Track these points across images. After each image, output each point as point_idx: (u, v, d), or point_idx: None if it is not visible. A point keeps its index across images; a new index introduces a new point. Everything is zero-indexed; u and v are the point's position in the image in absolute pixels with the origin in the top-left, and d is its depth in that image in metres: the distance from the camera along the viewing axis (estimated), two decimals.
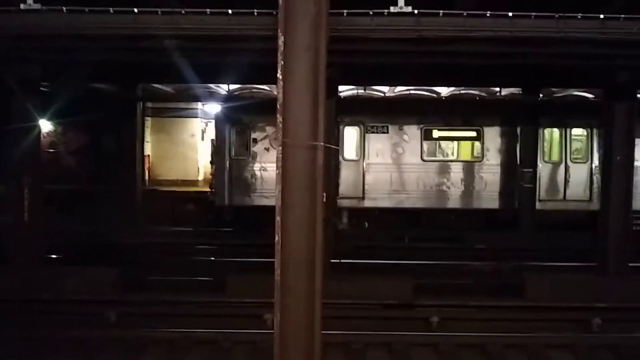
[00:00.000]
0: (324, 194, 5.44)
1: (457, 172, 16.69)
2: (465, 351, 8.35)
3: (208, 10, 5.69)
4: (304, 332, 5.35)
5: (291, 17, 5.18)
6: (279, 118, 5.22)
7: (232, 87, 19.41)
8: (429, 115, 16.70)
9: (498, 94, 19.66)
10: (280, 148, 5.22)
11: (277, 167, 5.25)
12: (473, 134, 16.88)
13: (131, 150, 16.51)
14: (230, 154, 16.36)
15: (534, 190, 16.44)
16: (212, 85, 19.05)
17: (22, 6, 5.70)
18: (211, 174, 17.38)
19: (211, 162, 17.44)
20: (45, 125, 19.04)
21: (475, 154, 16.76)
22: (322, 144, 5.26)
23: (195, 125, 24.50)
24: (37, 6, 5.66)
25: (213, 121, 19.18)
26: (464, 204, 16.73)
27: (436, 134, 16.69)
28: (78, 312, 9.33)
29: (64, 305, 9.46)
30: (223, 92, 19.65)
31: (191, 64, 9.04)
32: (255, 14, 5.73)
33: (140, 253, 13.90)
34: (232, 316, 9.31)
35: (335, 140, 13.55)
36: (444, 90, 19.96)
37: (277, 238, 5.25)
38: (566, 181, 16.93)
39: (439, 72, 11.90)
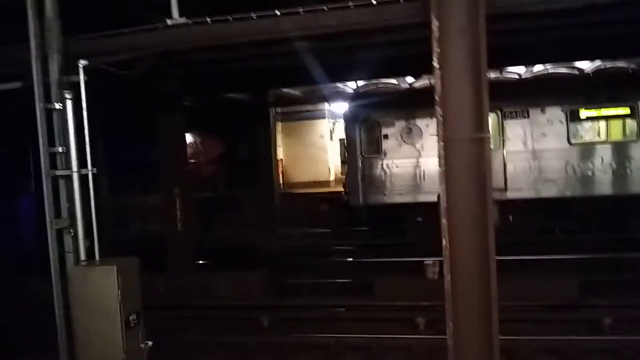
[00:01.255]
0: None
1: (609, 154, 15.10)
2: None
3: (351, 4, 5.39)
4: (480, 341, 4.87)
5: None
6: (438, 111, 4.79)
7: (359, 84, 19.17)
8: (574, 94, 15.27)
9: None
10: (442, 144, 4.79)
11: (440, 165, 4.83)
12: (626, 110, 15.21)
13: (266, 156, 16.87)
14: (362, 152, 16.12)
15: None
16: (338, 84, 18.98)
17: (168, 22, 5.79)
18: (343, 174, 17.26)
19: (342, 162, 17.32)
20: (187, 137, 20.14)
21: (629, 133, 15.06)
22: (489, 135, 4.75)
23: (323, 126, 24.65)
24: (183, 20, 5.72)
25: (341, 120, 19.03)
26: (619, 189, 15.09)
27: (584, 114, 15.22)
28: (231, 317, 9.54)
29: (217, 310, 9.73)
30: (349, 90, 19.47)
31: (321, 63, 8.90)
32: (401, 1, 5.33)
33: (282, 256, 14.10)
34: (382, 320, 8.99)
35: None
36: (587, 66, 18.22)
37: (444, 242, 4.82)
38: None
39: (589, 45, 10.63)
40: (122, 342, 5.47)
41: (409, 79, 18.51)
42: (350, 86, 19.15)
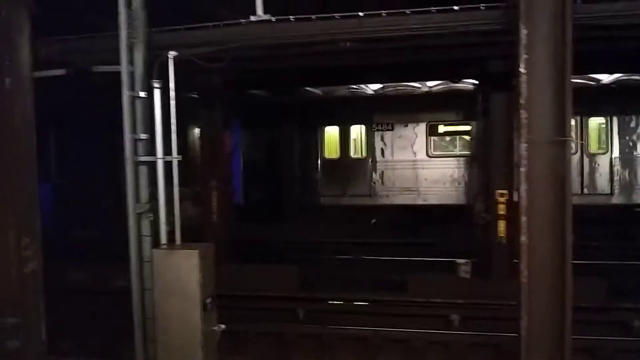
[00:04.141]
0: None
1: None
2: None
3: (433, 8, 5.63)
4: (552, 336, 5.12)
5: (533, 7, 4.99)
6: (523, 114, 5.05)
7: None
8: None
9: None
10: (525, 145, 5.05)
11: (522, 165, 5.08)
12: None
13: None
14: None
15: None
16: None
17: (252, 18, 6.01)
18: None
19: None
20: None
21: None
22: (571, 138, 5.01)
23: None
24: (267, 17, 5.93)
25: None
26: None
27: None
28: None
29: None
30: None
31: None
32: (482, 8, 5.59)
33: None
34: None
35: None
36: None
37: (523, 239, 5.07)
38: None
39: None
40: (200, 324, 5.67)
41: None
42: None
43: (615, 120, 15.30)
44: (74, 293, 9.89)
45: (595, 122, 15.71)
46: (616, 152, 15.31)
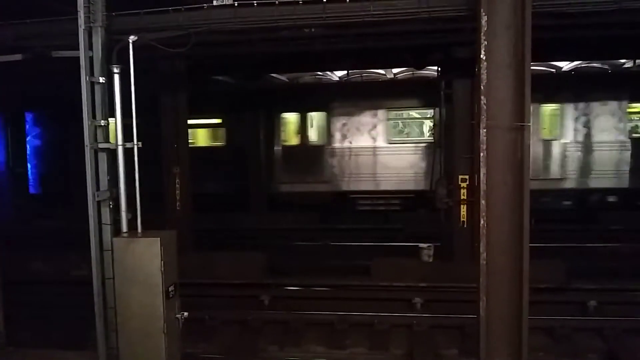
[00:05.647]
0: None
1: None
2: None
3: None
4: (510, 316, 5.27)
5: None
6: (483, 100, 5.13)
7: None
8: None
9: None
10: (484, 130, 5.14)
11: (481, 150, 5.17)
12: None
13: None
14: None
15: None
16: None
17: (215, 2, 5.93)
18: None
19: None
20: None
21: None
22: (529, 124, 5.12)
23: None
24: (230, 1, 5.87)
25: None
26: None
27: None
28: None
29: None
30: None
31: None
32: None
33: None
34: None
35: None
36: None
37: (482, 222, 5.18)
38: None
39: None
40: (162, 312, 5.63)
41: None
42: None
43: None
44: (34, 284, 9.70)
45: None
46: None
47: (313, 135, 16.89)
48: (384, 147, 16.15)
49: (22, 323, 8.03)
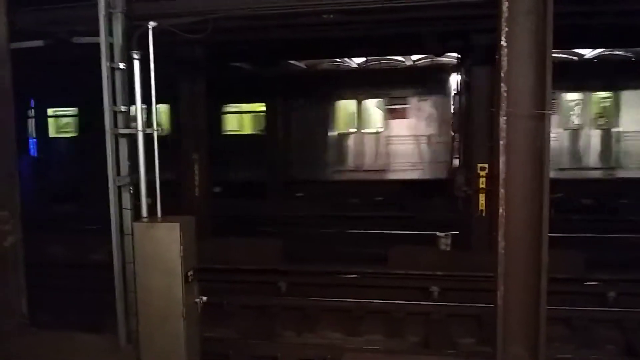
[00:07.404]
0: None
1: None
2: None
3: None
4: (528, 305, 5.23)
5: None
6: (503, 87, 5.07)
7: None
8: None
9: None
10: (504, 118, 5.08)
11: (501, 138, 5.12)
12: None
13: None
14: None
15: None
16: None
17: None
18: None
19: None
20: None
21: None
22: (549, 112, 5.05)
23: None
24: None
25: None
26: None
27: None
28: None
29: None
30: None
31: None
32: None
33: None
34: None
35: None
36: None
37: (500, 210, 5.14)
38: None
39: None
40: (181, 297, 5.69)
41: None
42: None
43: None
44: (55, 267, 9.86)
45: None
46: None
47: None
48: None
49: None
